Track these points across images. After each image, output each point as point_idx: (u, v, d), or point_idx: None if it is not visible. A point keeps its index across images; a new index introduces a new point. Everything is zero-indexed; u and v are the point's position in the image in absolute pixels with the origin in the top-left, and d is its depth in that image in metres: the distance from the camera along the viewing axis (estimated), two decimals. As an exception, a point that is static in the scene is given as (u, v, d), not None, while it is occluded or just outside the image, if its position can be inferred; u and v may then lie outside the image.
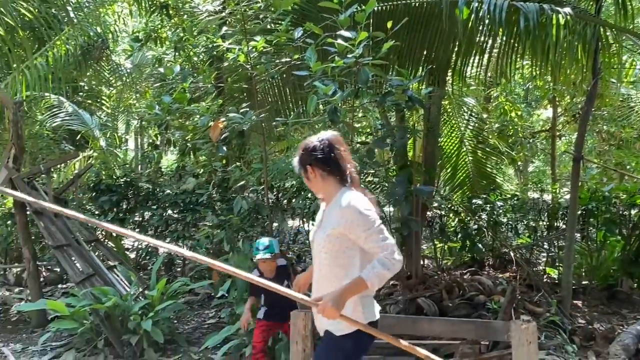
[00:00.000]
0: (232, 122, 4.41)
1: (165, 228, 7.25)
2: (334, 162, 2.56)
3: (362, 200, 2.50)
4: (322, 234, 2.56)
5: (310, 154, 2.58)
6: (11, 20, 7.17)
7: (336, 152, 2.58)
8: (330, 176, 2.57)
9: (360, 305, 2.52)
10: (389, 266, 2.38)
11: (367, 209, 2.47)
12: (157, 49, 10.13)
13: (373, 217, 2.46)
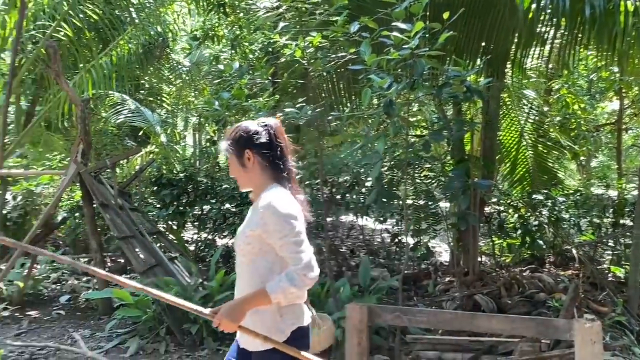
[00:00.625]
0: (289, 117, 4.47)
1: (223, 221, 7.43)
2: (279, 153, 2.25)
3: (286, 202, 2.16)
4: (242, 235, 2.26)
5: (252, 137, 2.23)
6: (78, 22, 7.54)
7: (282, 142, 2.27)
8: (268, 168, 2.24)
9: (278, 313, 2.19)
10: (297, 282, 2.07)
11: (288, 212, 2.13)
12: (213, 47, 10.38)
13: (293, 224, 2.12)
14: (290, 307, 2.21)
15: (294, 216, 2.14)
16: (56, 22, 7.31)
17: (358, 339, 3.78)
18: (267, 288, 2.10)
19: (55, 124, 8.55)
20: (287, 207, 2.14)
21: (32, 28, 7.68)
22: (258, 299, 2.13)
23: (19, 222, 8.28)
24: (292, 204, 2.18)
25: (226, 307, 2.14)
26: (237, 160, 2.25)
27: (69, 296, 6.83)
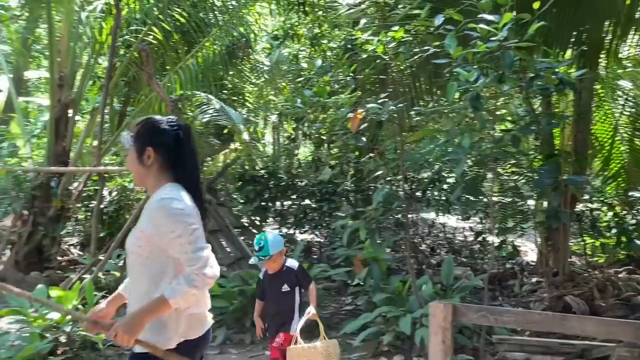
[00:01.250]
0: (371, 113, 4.47)
1: (303, 217, 7.57)
2: (183, 156, 2.12)
3: (179, 201, 2.00)
4: (132, 235, 2.11)
5: (158, 135, 2.11)
6: (167, 25, 7.93)
7: (190, 145, 2.14)
8: (169, 169, 2.10)
9: (174, 320, 2.04)
10: (196, 283, 1.93)
11: (181, 210, 1.98)
12: (292, 46, 10.56)
13: (187, 222, 1.97)
14: (186, 317, 2.06)
15: (187, 214, 2.00)
16: (147, 26, 7.73)
17: (442, 337, 3.71)
18: (165, 294, 1.94)
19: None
20: (180, 205, 1.99)
21: (125, 33, 8.16)
22: (157, 308, 1.96)
23: (114, 215, 8.85)
24: (186, 202, 2.03)
25: (123, 320, 1.98)
26: (136, 155, 2.12)
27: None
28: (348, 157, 7.03)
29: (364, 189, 6.76)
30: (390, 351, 4.87)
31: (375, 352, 4.91)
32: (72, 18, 7.64)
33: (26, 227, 7.52)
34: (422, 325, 4.50)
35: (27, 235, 7.48)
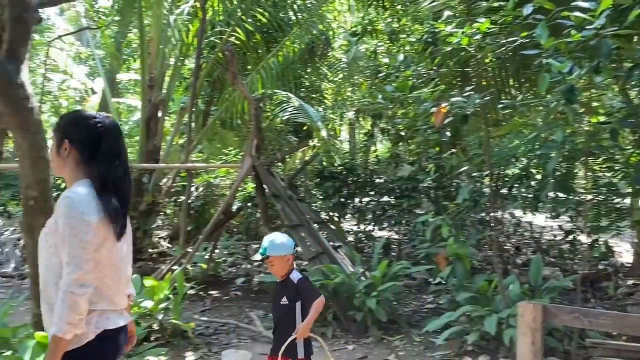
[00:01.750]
0: (455, 107, 4.37)
1: (382, 213, 7.54)
2: (101, 153, 2.02)
3: (82, 201, 1.90)
4: (43, 229, 2.02)
5: (76, 129, 2.05)
6: (250, 26, 8.14)
7: (110, 143, 2.04)
8: (85, 165, 2.02)
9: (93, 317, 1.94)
10: (69, 304, 1.81)
11: (80, 213, 1.87)
12: (370, 41, 10.51)
13: (80, 227, 1.86)
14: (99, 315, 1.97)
15: (85, 219, 1.88)
16: (231, 27, 7.98)
17: (532, 339, 3.58)
18: (53, 332, 1.83)
19: (229, 122, 9.35)
20: (80, 209, 1.88)
21: (210, 34, 8.47)
22: (55, 348, 1.84)
23: (200, 210, 9.23)
24: (89, 205, 1.91)
25: None
26: (55, 146, 2.06)
27: (244, 279, 7.46)
28: (428, 153, 6.91)
29: (446, 185, 6.62)
30: (474, 351, 4.76)
31: (459, 351, 4.81)
32: (161, 22, 8.03)
33: (120, 220, 8.00)
34: (510, 325, 4.37)
35: (121, 228, 7.96)
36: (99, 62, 10.60)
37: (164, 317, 5.05)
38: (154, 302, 5.02)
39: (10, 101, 3.96)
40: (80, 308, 1.84)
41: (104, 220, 1.94)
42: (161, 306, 5.05)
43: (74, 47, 17.15)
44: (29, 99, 4.03)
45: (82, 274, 1.86)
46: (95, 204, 1.93)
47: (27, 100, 4.01)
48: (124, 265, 2.12)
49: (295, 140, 11.24)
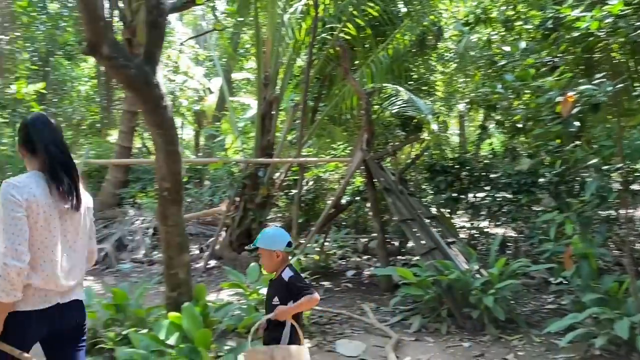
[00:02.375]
0: (585, 95, 4.10)
1: (498, 209, 7.25)
2: (35, 146, 2.33)
3: (18, 186, 2.19)
4: None
5: (19, 132, 2.42)
6: (361, 21, 8.18)
7: (42, 134, 2.35)
8: (31, 159, 2.35)
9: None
10: (2, 274, 2.09)
11: (11, 196, 2.16)
12: (482, 31, 10.11)
13: (12, 209, 2.15)
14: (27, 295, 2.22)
15: (14, 202, 2.15)
16: (342, 23, 8.07)
17: None
18: None
19: (337, 117, 9.47)
20: (12, 192, 2.17)
21: (321, 31, 8.62)
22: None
23: (310, 203, 9.47)
24: (24, 190, 2.19)
25: None
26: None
27: (354, 272, 7.55)
28: (548, 146, 6.52)
29: (569, 180, 6.22)
30: (603, 355, 4.44)
31: (585, 355, 4.52)
32: (276, 21, 8.31)
33: (238, 212, 8.44)
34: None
35: (239, 219, 8.40)
36: (218, 63, 11.20)
37: (280, 305, 5.24)
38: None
39: (148, 100, 4.33)
40: (12, 279, 2.12)
41: (39, 200, 2.23)
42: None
43: (193, 49, 18.25)
44: (164, 98, 4.37)
45: (13, 246, 2.14)
46: (32, 191, 2.22)
47: (162, 99, 4.35)
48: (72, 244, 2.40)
49: (403, 134, 11.14)
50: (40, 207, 2.24)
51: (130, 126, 12.25)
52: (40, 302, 2.30)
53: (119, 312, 4.96)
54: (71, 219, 2.39)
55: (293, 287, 2.84)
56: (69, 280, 2.38)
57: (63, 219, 2.35)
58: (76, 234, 2.43)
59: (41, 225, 2.25)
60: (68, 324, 2.42)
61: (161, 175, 4.57)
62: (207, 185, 10.51)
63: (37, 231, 2.24)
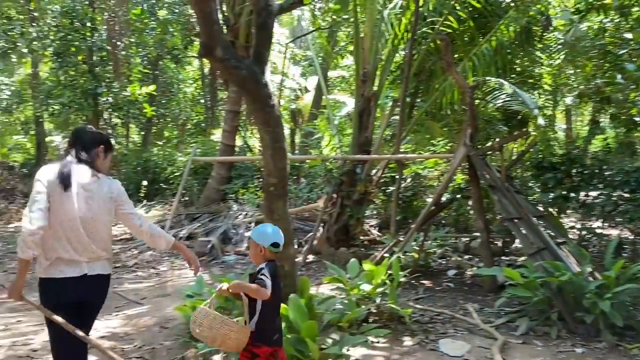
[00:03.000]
0: None
1: (614, 209, 6.77)
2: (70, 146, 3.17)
3: (43, 170, 2.97)
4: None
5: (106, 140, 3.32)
6: (463, 13, 7.97)
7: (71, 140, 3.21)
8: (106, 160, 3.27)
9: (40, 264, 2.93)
10: (21, 234, 2.75)
11: (37, 176, 2.92)
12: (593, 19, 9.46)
13: (35, 186, 2.89)
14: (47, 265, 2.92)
15: (38, 180, 2.90)
16: (443, 16, 7.90)
17: None
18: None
19: (434, 112, 9.29)
20: (38, 174, 2.94)
21: (421, 25, 8.49)
22: (18, 264, 2.88)
23: (408, 200, 9.38)
24: (45, 173, 2.93)
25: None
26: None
27: (455, 271, 7.38)
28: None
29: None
30: None
31: None
32: (375, 17, 8.30)
33: (335, 208, 8.55)
34: None
35: (336, 215, 8.51)
36: (316, 61, 11.38)
37: (381, 301, 5.26)
38: (372, 286, 5.24)
39: (257, 99, 4.50)
40: (23, 238, 2.74)
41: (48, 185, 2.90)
42: (378, 290, 5.26)
43: (290, 49, 18.70)
44: (271, 97, 4.52)
45: (30, 215, 2.80)
46: (50, 174, 2.93)
47: (270, 98, 4.50)
48: (86, 222, 2.97)
49: (506, 129, 10.69)
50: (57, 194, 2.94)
51: (233, 125, 12.80)
52: (66, 268, 2.94)
53: (227, 301, 5.21)
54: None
55: (257, 275, 2.97)
56: (90, 254, 3.01)
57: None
58: (98, 214, 3.05)
59: (57, 199, 2.91)
60: (91, 293, 3.08)
61: (268, 171, 4.74)
62: (305, 182, 10.73)
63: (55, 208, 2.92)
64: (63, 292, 2.93)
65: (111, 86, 11.42)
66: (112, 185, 3.14)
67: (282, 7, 4.66)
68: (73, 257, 2.93)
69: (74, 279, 2.93)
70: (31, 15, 14.45)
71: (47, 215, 2.81)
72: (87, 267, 2.98)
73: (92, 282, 3.01)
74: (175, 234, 10.28)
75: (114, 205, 3.11)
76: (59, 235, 2.90)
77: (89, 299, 3.06)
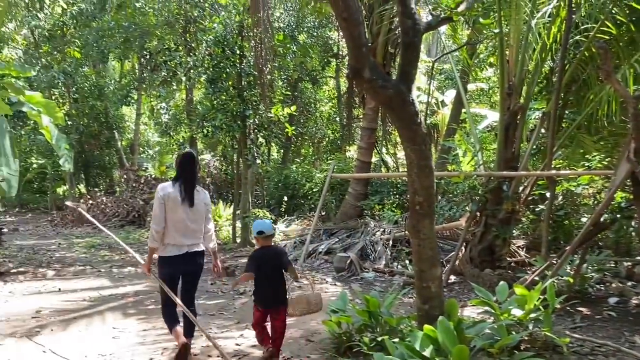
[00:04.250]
0: None
1: None
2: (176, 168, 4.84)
3: (161, 187, 4.66)
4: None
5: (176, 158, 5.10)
6: (623, 17, 7.30)
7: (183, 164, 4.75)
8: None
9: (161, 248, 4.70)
10: (150, 232, 4.69)
11: (157, 191, 4.65)
12: None
13: (156, 199, 4.62)
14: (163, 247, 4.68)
15: (158, 196, 4.58)
16: (599, 22, 7.29)
17: None
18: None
19: (587, 124, 8.57)
20: (158, 189, 4.64)
21: (574, 33, 7.91)
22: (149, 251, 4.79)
23: (559, 220, 8.71)
24: (164, 189, 4.62)
25: None
26: None
27: (617, 299, 6.69)
28: None
29: None
30: None
31: None
32: (521, 27, 7.92)
33: (479, 227, 8.21)
34: None
35: (480, 234, 8.17)
36: (456, 75, 11.13)
37: (534, 328, 4.93)
38: (524, 312, 4.94)
39: (403, 117, 4.50)
40: (155, 236, 4.60)
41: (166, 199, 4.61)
42: (531, 316, 4.94)
43: (426, 63, 18.52)
44: (418, 115, 4.50)
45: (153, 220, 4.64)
46: (169, 190, 4.63)
47: (416, 116, 4.48)
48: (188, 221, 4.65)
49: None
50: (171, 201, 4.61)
51: (369, 142, 12.95)
52: (174, 249, 4.67)
53: (371, 319, 5.23)
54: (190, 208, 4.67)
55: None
56: (189, 240, 4.70)
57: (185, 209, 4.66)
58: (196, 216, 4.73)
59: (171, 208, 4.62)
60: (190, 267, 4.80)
61: (413, 189, 4.69)
62: (445, 199, 10.47)
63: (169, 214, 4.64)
64: (172, 264, 4.67)
65: (257, 108, 12.16)
66: (205, 196, 4.84)
67: (429, 25, 4.63)
68: (179, 242, 4.65)
69: (179, 256, 4.66)
70: (188, 46, 15.97)
71: (164, 219, 4.57)
72: (187, 247, 4.69)
73: (193, 257, 4.74)
74: (314, 248, 10.62)
75: (205, 210, 4.81)
76: (170, 229, 4.61)
77: (187, 272, 4.81)
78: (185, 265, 4.70)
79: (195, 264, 4.78)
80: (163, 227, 4.55)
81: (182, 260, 4.65)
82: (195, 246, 4.73)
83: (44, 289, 8.21)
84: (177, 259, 4.63)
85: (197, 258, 4.77)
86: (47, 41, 20.08)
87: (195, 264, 4.79)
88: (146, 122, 27.68)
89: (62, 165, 10.97)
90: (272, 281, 4.72)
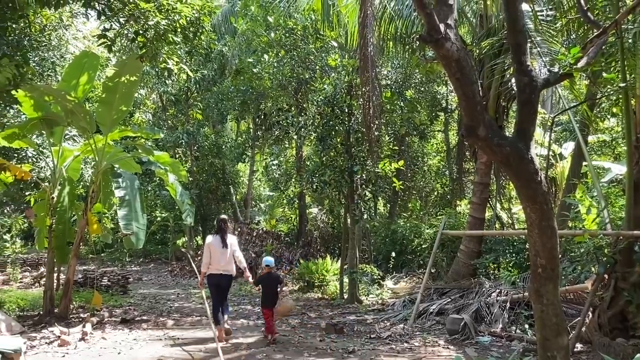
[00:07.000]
0: None
1: None
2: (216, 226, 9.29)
3: (208, 239, 8.92)
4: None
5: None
6: None
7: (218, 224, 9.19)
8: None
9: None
10: (203, 263, 8.87)
11: (207, 241, 8.92)
12: None
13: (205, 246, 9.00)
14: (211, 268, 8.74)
15: (207, 242, 8.85)
16: None
17: None
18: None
19: None
20: (207, 240, 8.94)
21: None
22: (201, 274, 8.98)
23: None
24: (209, 238, 8.92)
25: None
26: None
27: None
28: None
29: None
30: None
31: None
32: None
33: (608, 291, 7.50)
34: None
35: (609, 299, 7.45)
36: (575, 126, 10.58)
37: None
38: None
39: (522, 175, 4.33)
40: (205, 264, 8.73)
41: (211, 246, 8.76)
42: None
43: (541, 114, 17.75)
44: (538, 173, 4.31)
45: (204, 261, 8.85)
46: (211, 239, 8.81)
47: (536, 174, 4.30)
48: (222, 256, 8.66)
49: None
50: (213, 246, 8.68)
51: (482, 197, 12.52)
52: (215, 271, 8.64)
53: None
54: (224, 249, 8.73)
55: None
56: (224, 267, 8.65)
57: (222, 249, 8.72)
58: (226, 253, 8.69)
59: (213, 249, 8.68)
60: (224, 281, 8.69)
61: (535, 251, 4.44)
62: (567, 259, 9.74)
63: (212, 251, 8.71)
64: (214, 279, 8.61)
65: (365, 164, 12.32)
66: (233, 241, 8.79)
67: (547, 82, 4.49)
68: (218, 268, 8.57)
69: (217, 275, 8.58)
70: (300, 107, 16.73)
71: (209, 257, 8.61)
72: (222, 270, 8.59)
73: (224, 276, 8.62)
74: (425, 308, 10.28)
75: (232, 249, 8.68)
76: (213, 262, 8.57)
77: (221, 284, 8.65)
78: (219, 280, 8.62)
79: (226, 280, 8.70)
80: (209, 259, 8.62)
81: (219, 277, 8.61)
82: (225, 271, 8.64)
83: (164, 338, 8.68)
84: (216, 276, 8.62)
85: (227, 277, 8.70)
86: (173, 105, 22.03)
87: (226, 280, 8.71)
88: (259, 177, 29.04)
89: (185, 219, 11.78)
90: (270, 293, 8.61)
